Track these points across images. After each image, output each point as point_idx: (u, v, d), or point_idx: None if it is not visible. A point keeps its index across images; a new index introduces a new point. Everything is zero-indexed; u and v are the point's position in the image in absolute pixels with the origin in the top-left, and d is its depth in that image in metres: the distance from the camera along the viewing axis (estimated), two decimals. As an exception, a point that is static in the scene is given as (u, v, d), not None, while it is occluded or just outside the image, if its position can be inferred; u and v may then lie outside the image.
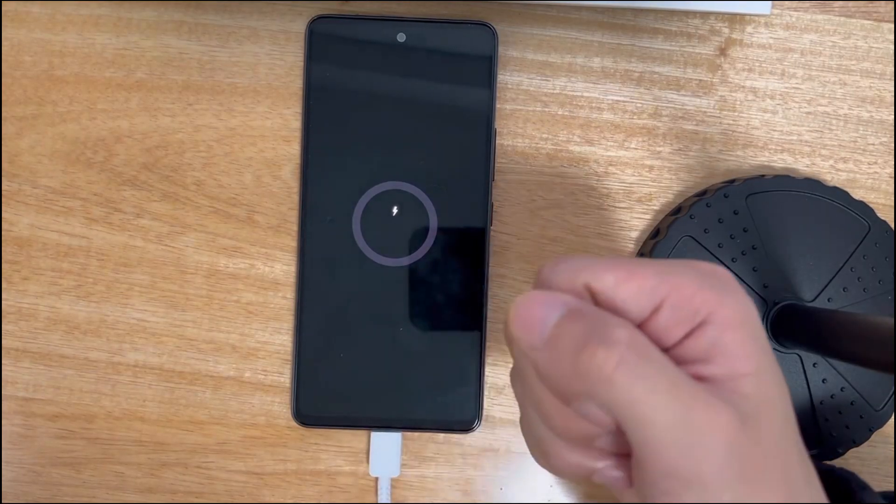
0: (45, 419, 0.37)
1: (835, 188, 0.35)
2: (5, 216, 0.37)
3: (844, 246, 0.35)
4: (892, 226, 0.36)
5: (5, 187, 0.37)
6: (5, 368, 0.37)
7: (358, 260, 0.36)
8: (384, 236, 0.36)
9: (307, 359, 0.36)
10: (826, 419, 0.34)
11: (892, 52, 0.37)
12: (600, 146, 0.37)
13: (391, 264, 0.36)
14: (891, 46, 0.37)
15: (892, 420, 0.36)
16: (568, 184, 0.37)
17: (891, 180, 0.37)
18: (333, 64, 0.36)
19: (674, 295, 0.22)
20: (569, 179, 0.37)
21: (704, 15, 0.37)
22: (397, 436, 0.36)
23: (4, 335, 0.37)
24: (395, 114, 0.36)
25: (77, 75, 0.37)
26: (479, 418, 0.36)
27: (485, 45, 0.36)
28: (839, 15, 0.37)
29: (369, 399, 0.36)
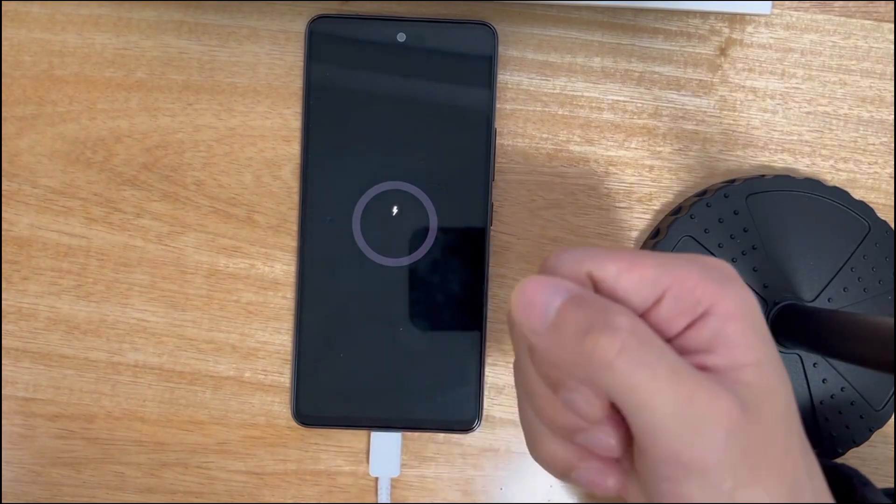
0: (45, 419, 0.37)
1: (835, 188, 0.35)
2: (5, 216, 0.37)
3: (844, 246, 0.35)
4: (893, 226, 0.36)
5: (5, 187, 0.37)
6: (5, 368, 0.37)
7: (358, 260, 0.36)
8: (384, 236, 0.36)
9: (307, 359, 0.36)
10: (826, 419, 0.34)
11: (893, 52, 0.37)
12: (600, 146, 0.37)
13: (391, 264, 0.36)
14: (891, 46, 0.37)
15: (892, 420, 0.36)
16: (568, 184, 0.37)
17: (891, 180, 0.37)
18: (333, 64, 0.36)
19: (676, 286, 0.22)
20: (569, 179, 0.37)
21: (704, 15, 0.37)
22: (397, 436, 0.36)
23: (4, 335, 0.37)
24: (395, 114, 0.36)
25: (77, 75, 0.37)
26: (479, 418, 0.36)
27: (485, 45, 0.36)
28: (839, 15, 0.37)
29: (369, 399, 0.36)
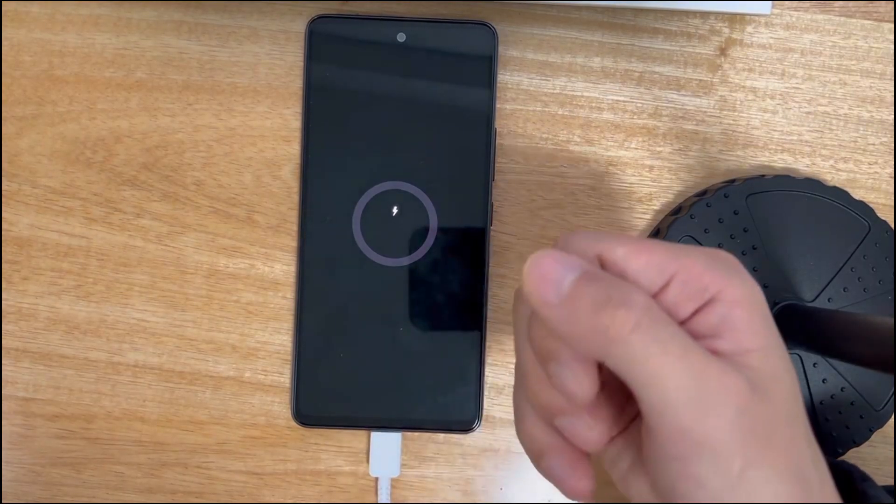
0: (45, 419, 0.37)
1: (835, 188, 0.35)
2: (5, 216, 0.37)
3: (844, 246, 0.35)
4: (892, 226, 0.36)
5: (5, 187, 0.37)
6: (5, 368, 0.37)
7: (358, 260, 0.36)
8: (384, 236, 0.36)
9: (307, 359, 0.36)
10: (826, 419, 0.34)
11: (893, 52, 0.37)
12: (600, 146, 0.37)
13: (391, 264, 0.36)
14: (891, 46, 0.37)
15: (892, 420, 0.36)
16: (568, 184, 0.37)
17: (891, 180, 0.37)
18: (333, 64, 0.36)
19: (683, 272, 0.22)
20: (569, 179, 0.37)
21: (704, 15, 0.37)
22: (397, 436, 0.36)
23: (4, 335, 0.37)
24: (395, 114, 0.36)
25: (77, 75, 0.37)
26: (479, 418, 0.36)
27: (485, 45, 0.36)
28: (839, 15, 0.37)
29: (369, 399, 0.36)
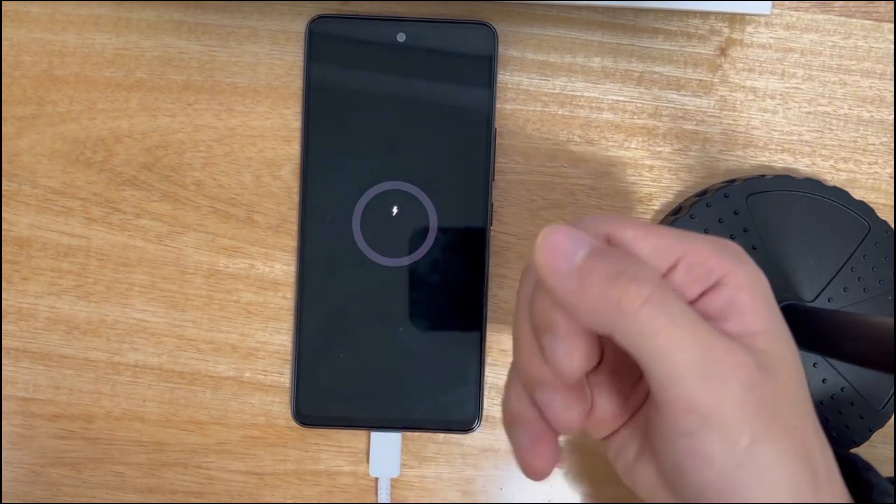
0: (45, 419, 0.37)
1: (835, 188, 0.35)
2: (5, 216, 0.37)
3: (845, 246, 0.35)
4: (893, 226, 0.36)
5: (5, 187, 0.37)
6: (5, 368, 0.37)
7: (358, 260, 0.36)
8: (384, 236, 0.36)
9: (307, 359, 0.36)
10: (826, 419, 0.34)
11: (893, 52, 0.37)
12: (600, 146, 0.37)
13: (391, 264, 0.36)
14: (891, 46, 0.37)
15: (892, 420, 0.36)
16: (568, 184, 0.37)
17: (891, 180, 0.37)
18: (333, 64, 0.36)
19: (689, 255, 0.23)
20: (569, 179, 0.37)
21: (704, 15, 0.37)
22: (397, 436, 0.36)
23: (4, 335, 0.37)
24: (395, 114, 0.36)
25: (77, 75, 0.37)
26: (479, 418, 0.36)
27: (485, 45, 0.36)
28: (839, 15, 0.37)
29: (369, 399, 0.36)
